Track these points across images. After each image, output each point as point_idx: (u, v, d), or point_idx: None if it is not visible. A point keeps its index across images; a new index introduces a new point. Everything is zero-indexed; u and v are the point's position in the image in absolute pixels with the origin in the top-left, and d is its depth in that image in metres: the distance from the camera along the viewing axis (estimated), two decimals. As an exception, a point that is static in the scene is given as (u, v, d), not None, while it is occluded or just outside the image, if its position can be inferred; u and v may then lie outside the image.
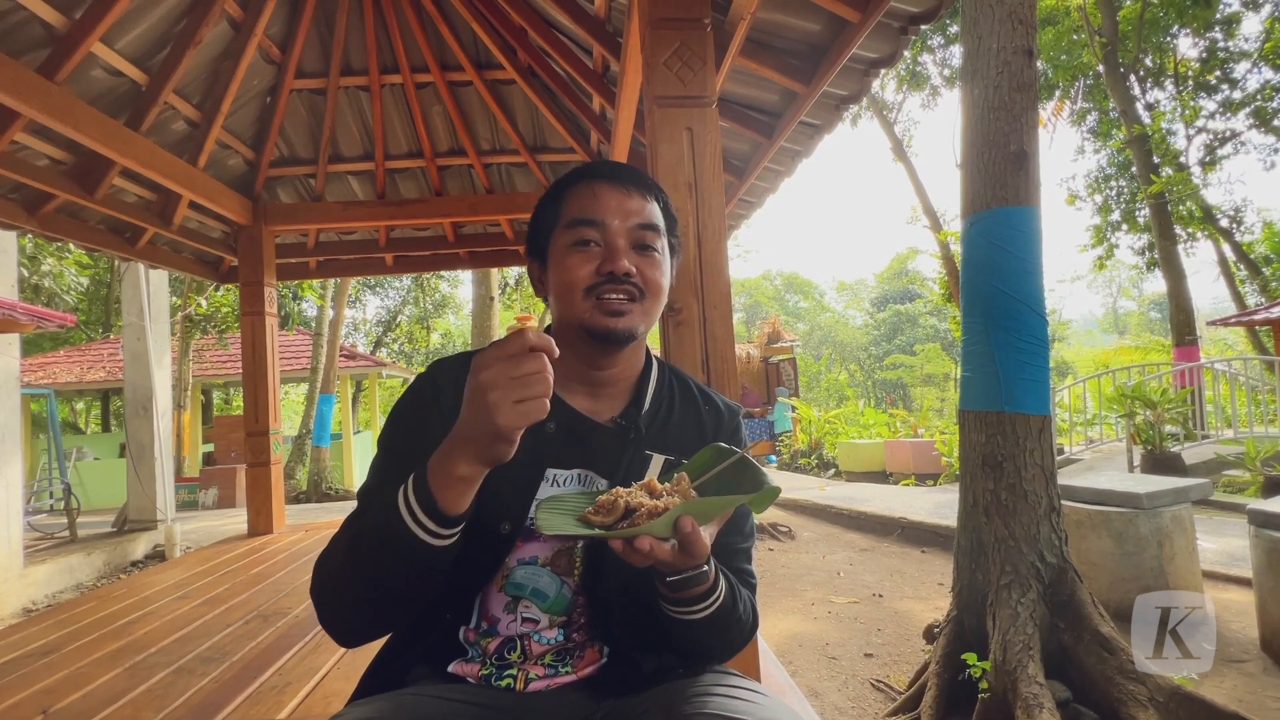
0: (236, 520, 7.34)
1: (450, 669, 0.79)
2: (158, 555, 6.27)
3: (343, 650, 2.19)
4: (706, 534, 0.65)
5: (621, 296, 0.79)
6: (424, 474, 0.65)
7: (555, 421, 0.82)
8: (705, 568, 0.70)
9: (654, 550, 0.62)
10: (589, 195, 0.82)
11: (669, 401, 0.89)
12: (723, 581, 0.75)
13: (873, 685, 3.24)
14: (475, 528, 0.71)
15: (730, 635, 0.80)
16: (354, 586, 0.71)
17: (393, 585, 0.69)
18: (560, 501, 0.72)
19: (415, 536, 0.65)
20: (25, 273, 9.97)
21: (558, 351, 0.61)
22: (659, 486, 0.67)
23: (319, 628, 2.40)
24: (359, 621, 0.74)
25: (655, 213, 0.84)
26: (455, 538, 0.67)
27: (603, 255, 0.79)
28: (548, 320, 0.94)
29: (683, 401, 0.90)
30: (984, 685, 2.61)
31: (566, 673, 0.80)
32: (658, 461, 0.83)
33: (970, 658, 2.72)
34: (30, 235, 3.69)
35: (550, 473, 0.82)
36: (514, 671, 0.78)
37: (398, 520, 0.65)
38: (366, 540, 0.70)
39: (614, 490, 0.67)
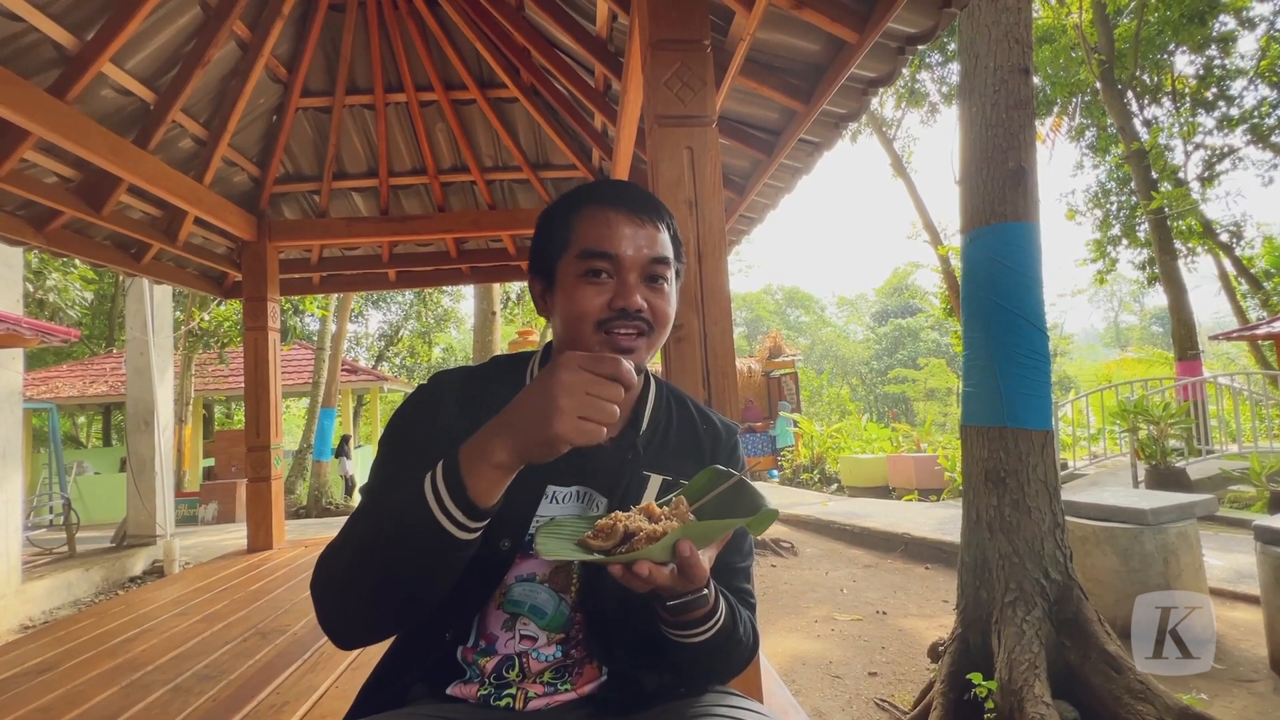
0: (236, 535, 7.31)
1: (449, 691, 0.78)
2: (156, 571, 6.24)
3: (341, 669, 2.17)
4: (705, 557, 0.65)
5: (631, 332, 0.79)
6: (454, 461, 0.64)
7: None
8: (705, 591, 0.70)
9: (653, 575, 0.62)
10: (602, 224, 0.80)
11: (666, 421, 0.89)
12: (723, 604, 0.75)
13: (877, 705, 3.20)
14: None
15: (731, 657, 0.79)
16: (361, 582, 0.68)
17: (403, 582, 0.67)
18: (559, 526, 0.72)
19: (439, 526, 0.63)
20: (30, 287, 10.04)
21: (637, 389, 0.61)
22: (658, 510, 0.68)
23: (318, 645, 2.39)
24: (360, 622, 0.72)
25: (666, 243, 0.83)
26: (478, 534, 0.66)
27: (614, 289, 0.78)
28: (548, 336, 0.95)
29: (680, 421, 0.90)
30: (990, 705, 2.58)
31: (566, 690, 0.79)
32: (655, 482, 0.83)
33: (976, 677, 2.69)
34: (37, 251, 3.72)
35: (550, 489, 0.82)
36: (513, 691, 0.78)
37: (422, 506, 0.63)
38: (384, 529, 0.67)
39: (613, 515, 0.67)
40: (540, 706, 0.78)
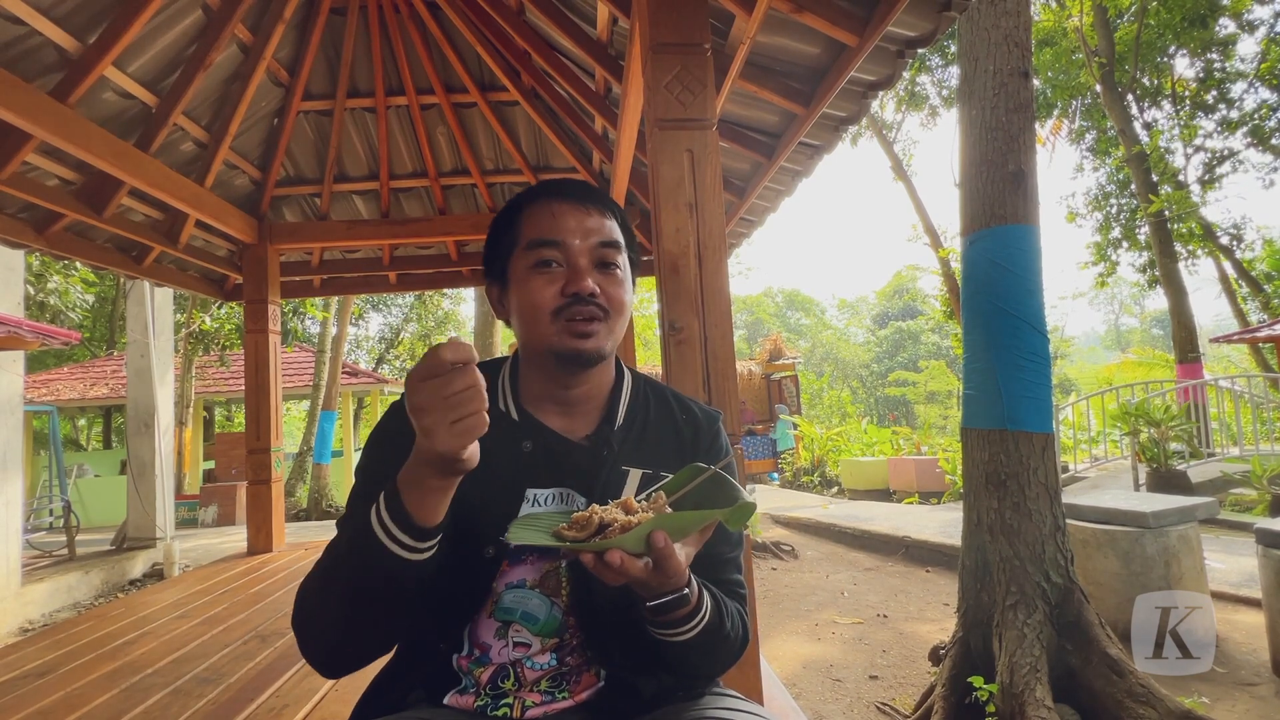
0: (236, 538, 7.30)
1: (445, 701, 0.78)
2: (156, 574, 6.24)
3: (341, 671, 2.16)
4: (683, 553, 0.64)
5: (587, 319, 0.79)
6: (395, 489, 0.64)
7: (532, 441, 0.82)
8: (685, 591, 0.68)
9: (625, 565, 0.61)
10: (548, 215, 0.81)
11: (644, 414, 0.88)
12: (707, 601, 0.73)
13: (878, 709, 3.19)
14: (460, 553, 0.70)
15: (719, 653, 0.78)
16: (333, 612, 0.69)
17: (370, 606, 0.68)
18: (535, 519, 0.71)
19: (389, 551, 0.64)
20: (31, 290, 10.05)
21: (476, 356, 0.60)
22: (635, 504, 0.67)
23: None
24: (339, 648, 0.72)
25: (615, 230, 0.84)
26: (431, 551, 0.66)
27: (566, 276, 0.79)
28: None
29: (658, 413, 0.89)
30: (991, 709, 2.57)
31: (563, 698, 0.79)
32: (635, 476, 0.82)
33: (977, 680, 2.69)
34: (38, 254, 3.73)
35: (530, 492, 0.81)
36: (509, 700, 0.77)
37: (371, 537, 0.64)
38: (342, 561, 0.68)
39: (590, 507, 0.66)
40: (538, 715, 0.77)
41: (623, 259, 0.84)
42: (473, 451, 0.61)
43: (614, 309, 0.81)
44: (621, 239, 0.84)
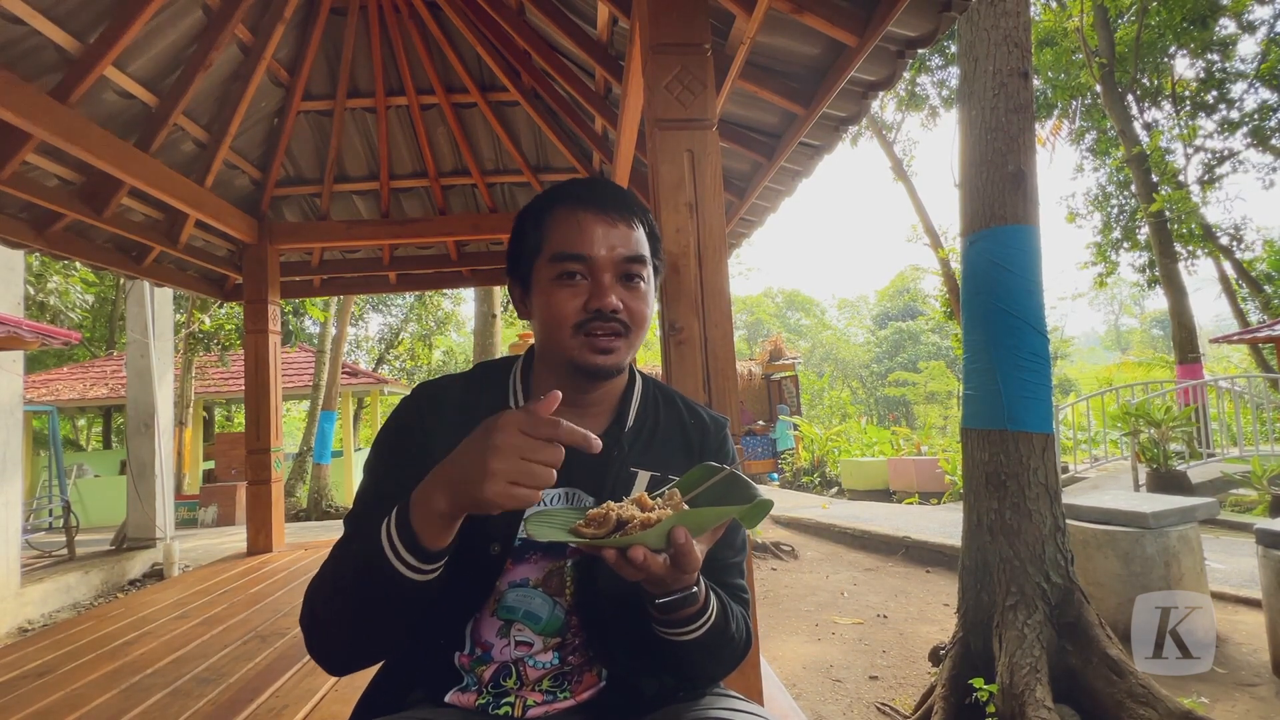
0: (236, 538, 7.30)
1: (447, 699, 0.78)
2: (156, 574, 6.24)
3: (341, 672, 2.16)
4: (698, 549, 0.64)
5: (609, 334, 0.78)
6: (406, 509, 0.64)
7: None
8: (695, 589, 0.69)
9: (647, 562, 0.61)
10: (574, 226, 0.79)
11: (653, 417, 0.89)
12: (714, 601, 0.74)
13: (878, 709, 3.19)
14: (465, 551, 0.70)
15: (723, 654, 0.78)
16: (340, 616, 0.70)
17: (377, 616, 0.69)
18: (550, 515, 0.71)
19: (397, 571, 0.64)
20: (31, 290, 10.05)
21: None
22: (650, 501, 0.67)
23: (317, 648, 2.39)
24: (346, 650, 0.73)
25: (640, 241, 0.82)
26: (437, 572, 0.67)
27: (589, 290, 0.78)
28: None
29: (667, 416, 0.90)
30: (991, 709, 2.57)
31: (565, 698, 0.79)
32: (643, 478, 0.82)
33: (977, 681, 2.69)
34: (38, 254, 3.73)
35: None
36: (511, 699, 0.77)
37: (380, 555, 0.64)
38: (351, 573, 0.69)
39: (605, 504, 0.66)
40: (539, 715, 0.77)
41: (647, 271, 0.82)
42: (493, 511, 0.60)
43: (635, 324, 0.80)
44: (647, 250, 0.83)
